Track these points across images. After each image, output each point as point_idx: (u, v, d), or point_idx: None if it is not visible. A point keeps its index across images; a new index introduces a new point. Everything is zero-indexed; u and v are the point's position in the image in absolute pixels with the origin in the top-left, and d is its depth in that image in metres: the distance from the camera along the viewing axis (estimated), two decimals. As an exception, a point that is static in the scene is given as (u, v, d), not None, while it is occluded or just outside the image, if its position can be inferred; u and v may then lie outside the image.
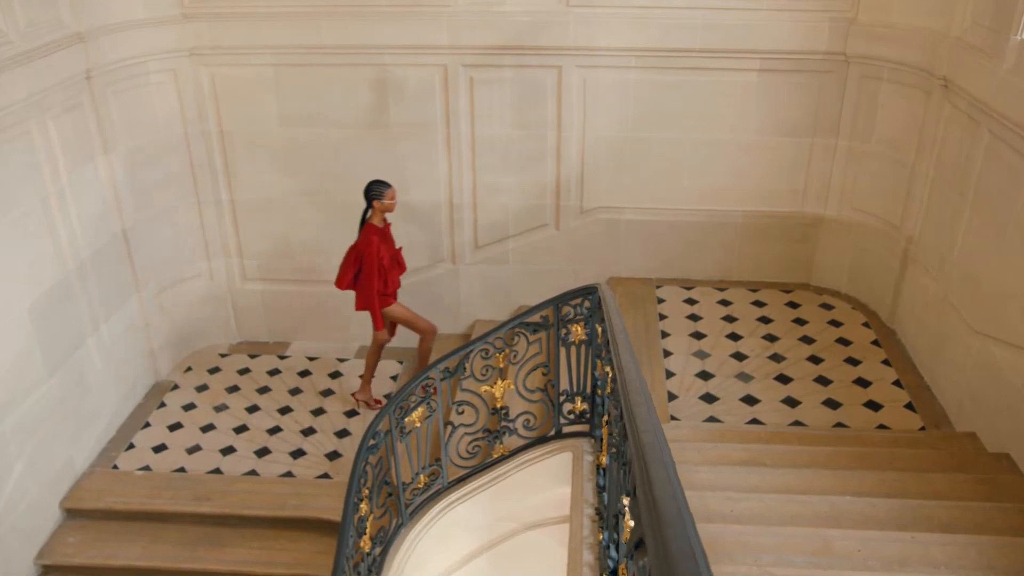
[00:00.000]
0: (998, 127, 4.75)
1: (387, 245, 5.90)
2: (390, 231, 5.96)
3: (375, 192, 5.72)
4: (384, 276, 5.89)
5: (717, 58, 5.99)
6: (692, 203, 6.54)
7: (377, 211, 5.78)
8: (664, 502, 1.28)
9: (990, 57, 4.82)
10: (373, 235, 5.77)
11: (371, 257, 5.78)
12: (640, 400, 1.62)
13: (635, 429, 1.49)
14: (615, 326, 2.61)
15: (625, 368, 1.91)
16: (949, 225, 5.32)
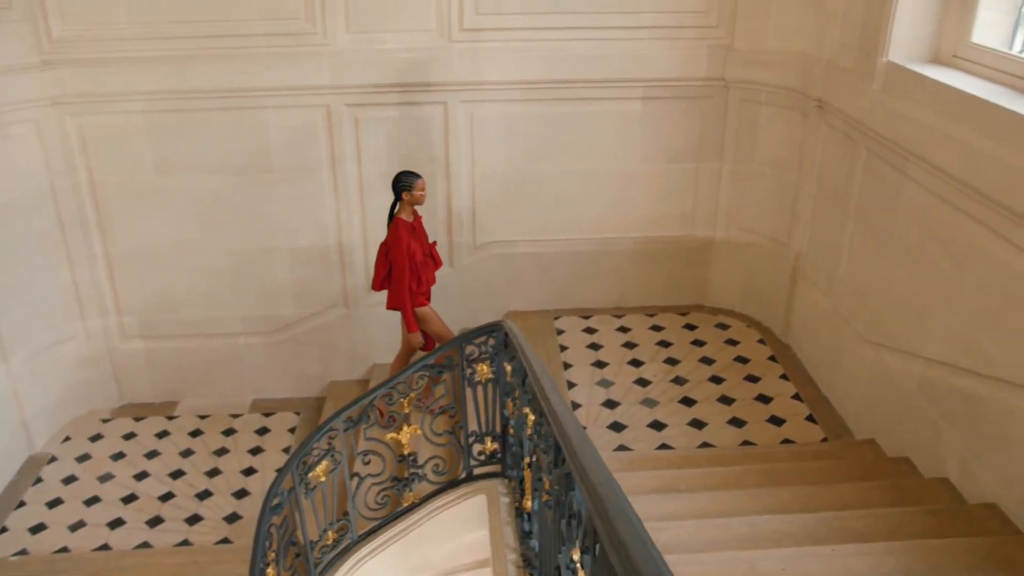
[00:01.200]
0: (874, 144, 4.94)
1: (418, 240, 5.56)
2: (422, 225, 5.64)
3: (404, 183, 5.36)
4: (417, 273, 5.53)
5: (601, 88, 6.05)
6: (585, 232, 6.56)
7: (406, 204, 5.43)
8: (645, 566, 1.19)
9: (861, 78, 5.02)
10: (402, 230, 5.42)
11: (400, 253, 5.42)
12: (587, 449, 1.52)
13: (589, 484, 1.39)
14: (536, 368, 2.51)
15: (560, 414, 1.81)
16: (834, 241, 5.49)
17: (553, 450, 1.89)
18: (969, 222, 4.10)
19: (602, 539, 1.39)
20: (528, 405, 2.61)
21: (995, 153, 3.85)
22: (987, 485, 3.97)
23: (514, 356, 3.40)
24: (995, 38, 4.49)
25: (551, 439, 1.94)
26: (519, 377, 2.99)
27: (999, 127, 3.87)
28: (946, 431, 4.28)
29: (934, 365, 4.40)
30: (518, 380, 2.96)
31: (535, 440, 2.46)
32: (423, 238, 5.63)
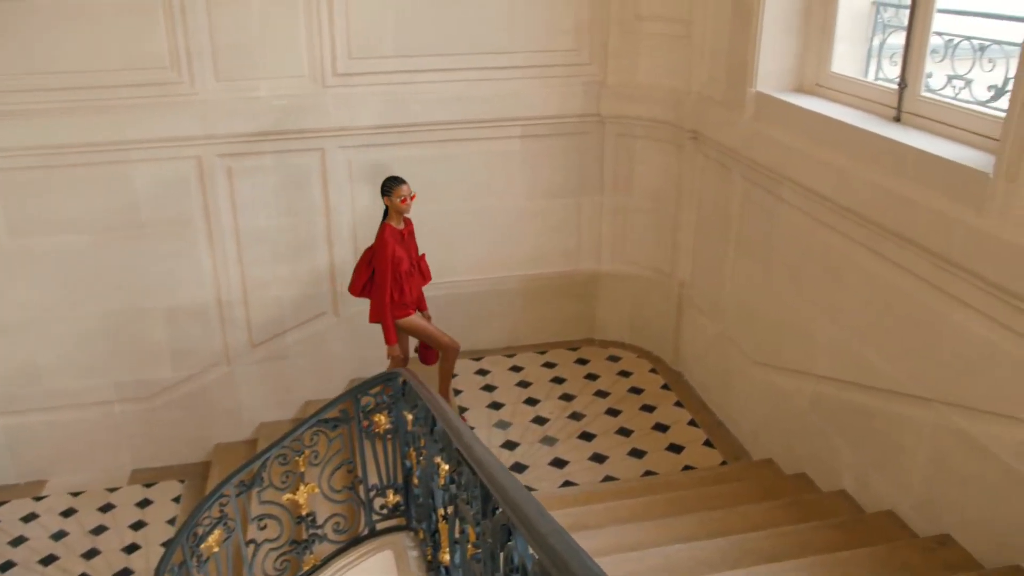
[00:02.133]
0: (748, 171, 5.10)
1: (406, 248, 5.36)
2: (412, 234, 5.45)
3: (384, 188, 5.26)
4: (401, 284, 5.33)
5: (480, 128, 6.05)
6: (472, 273, 6.51)
7: (393, 211, 5.28)
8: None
9: (732, 109, 5.19)
10: (388, 235, 5.23)
11: (384, 260, 5.22)
12: (527, 498, 1.43)
13: (537, 534, 1.31)
14: (449, 415, 2.41)
15: (487, 463, 1.71)
16: (717, 267, 5.62)
17: (480, 500, 1.80)
18: (843, 240, 4.26)
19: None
20: (440, 454, 2.51)
21: (860, 172, 4.03)
22: (883, 493, 4.08)
23: (416, 404, 3.28)
24: (851, 67, 4.74)
25: (477, 488, 1.85)
26: (425, 425, 2.88)
27: (862, 148, 4.06)
28: (840, 445, 4.40)
29: (824, 381, 4.52)
30: (424, 428, 2.85)
31: (452, 490, 2.35)
32: (412, 247, 5.45)
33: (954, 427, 3.59)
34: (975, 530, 3.53)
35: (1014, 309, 3.20)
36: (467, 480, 1.92)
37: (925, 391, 3.74)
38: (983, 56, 3.98)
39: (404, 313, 5.44)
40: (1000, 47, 3.92)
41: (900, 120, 4.17)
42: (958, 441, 3.57)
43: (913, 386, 3.82)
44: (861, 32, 4.72)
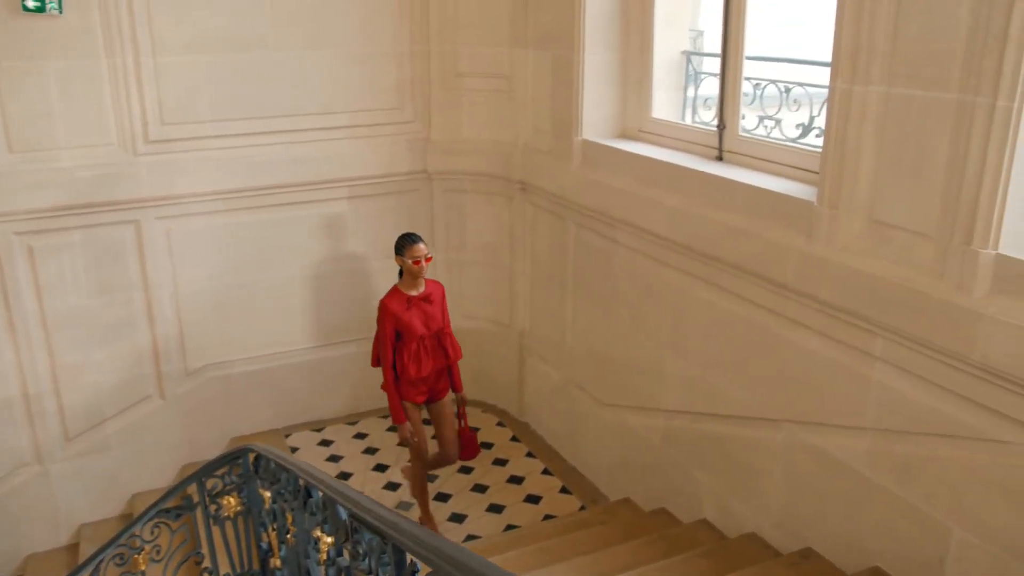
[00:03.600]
0: (581, 217, 5.22)
1: (422, 317, 4.81)
2: (436, 301, 4.90)
3: (397, 247, 4.80)
4: (404, 360, 4.80)
5: (306, 191, 5.87)
6: (308, 341, 6.26)
7: (405, 271, 4.82)
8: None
9: (559, 157, 5.32)
10: (388, 300, 4.79)
11: (378, 327, 4.82)
12: (483, 564, 1.31)
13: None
14: (331, 482, 2.22)
15: (411, 530, 1.56)
16: (557, 313, 5.69)
17: (394, 566, 1.64)
18: (681, 276, 4.42)
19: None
20: (320, 526, 2.32)
21: (692, 209, 4.21)
22: (744, 517, 4.20)
23: (277, 478, 3.05)
24: (670, 113, 4.98)
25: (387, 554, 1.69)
26: (296, 499, 2.67)
27: (691, 186, 4.26)
28: (698, 475, 4.50)
29: (675, 415, 4.64)
30: (295, 502, 2.65)
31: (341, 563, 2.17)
32: (432, 316, 4.86)
33: (806, 444, 3.75)
34: (835, 540, 3.68)
35: (849, 325, 3.41)
36: (369, 548, 1.77)
37: (775, 413, 3.90)
38: (789, 98, 4.30)
39: (411, 396, 4.92)
40: (803, 89, 4.25)
41: (722, 159, 4.41)
42: (811, 457, 3.74)
43: (763, 410, 3.98)
44: (675, 80, 4.98)
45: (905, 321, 3.13)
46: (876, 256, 3.27)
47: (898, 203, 3.18)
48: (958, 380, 3.00)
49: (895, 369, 3.27)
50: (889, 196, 3.21)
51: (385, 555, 1.69)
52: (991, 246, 2.86)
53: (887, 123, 3.19)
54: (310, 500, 2.43)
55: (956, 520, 3.10)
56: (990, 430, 2.93)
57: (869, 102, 3.23)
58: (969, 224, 2.90)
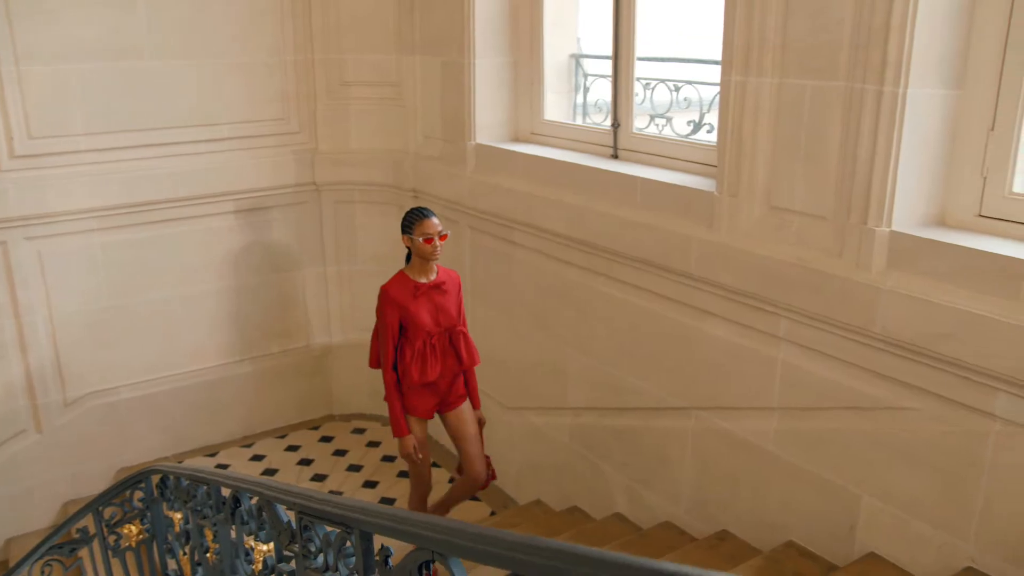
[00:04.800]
0: (477, 221, 5.22)
1: (431, 309, 4.04)
2: (450, 291, 4.14)
3: (405, 224, 4.03)
4: (407, 361, 4.02)
5: (190, 206, 5.64)
6: (196, 363, 5.99)
7: (414, 254, 4.05)
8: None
9: (452, 163, 5.31)
10: (390, 286, 4.03)
11: (379, 320, 4.08)
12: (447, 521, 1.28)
13: (509, 545, 1.16)
14: (270, 484, 2.12)
15: (371, 508, 1.49)
16: (456, 320, 5.65)
17: (362, 554, 1.56)
18: (583, 273, 4.48)
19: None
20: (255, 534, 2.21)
21: (591, 206, 4.28)
22: (657, 507, 4.27)
23: (191, 496, 2.90)
24: (563, 115, 5.06)
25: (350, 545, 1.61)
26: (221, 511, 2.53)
27: (590, 184, 4.33)
28: (608, 470, 4.55)
29: (582, 412, 4.68)
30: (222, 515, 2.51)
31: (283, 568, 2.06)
32: (444, 310, 4.09)
33: (716, 429, 3.85)
34: (749, 520, 3.79)
35: (753, 309, 3.53)
36: (325, 542, 1.68)
37: (684, 401, 4.00)
38: (679, 96, 4.43)
39: (418, 405, 4.14)
40: (693, 87, 4.39)
41: (618, 157, 4.50)
42: (721, 442, 3.84)
43: (671, 399, 4.06)
44: (566, 83, 5.06)
45: (807, 301, 3.27)
46: (776, 240, 3.40)
47: (795, 188, 3.32)
48: (860, 353, 3.14)
49: (799, 348, 3.40)
50: (786, 182, 3.35)
51: (349, 545, 1.62)
52: (885, 224, 3.02)
53: (781, 112, 3.33)
54: (239, 509, 2.32)
55: (864, 488, 3.25)
56: (892, 399, 3.08)
57: (763, 93, 3.37)
58: (864, 204, 3.06)
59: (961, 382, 2.82)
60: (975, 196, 2.99)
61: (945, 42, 2.90)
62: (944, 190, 3.05)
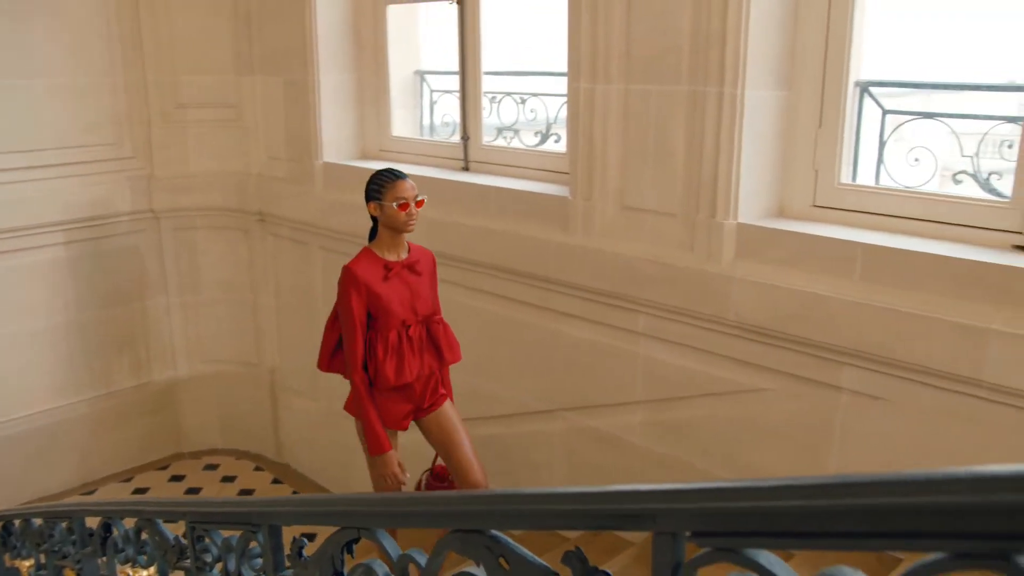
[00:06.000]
0: (328, 241, 5.14)
1: (405, 294, 3.33)
2: (424, 273, 3.43)
3: (371, 189, 3.31)
4: (378, 356, 3.28)
5: (14, 238, 5.24)
6: (27, 407, 5.55)
7: (382, 228, 3.35)
8: None
9: (300, 183, 5.21)
10: (354, 267, 3.27)
11: (343, 312, 3.29)
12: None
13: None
14: (162, 501, 1.97)
15: (288, 500, 1.43)
16: (310, 343, 5.48)
17: (271, 552, 1.49)
18: (442, 286, 4.48)
19: None
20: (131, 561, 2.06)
21: (445, 217, 4.31)
22: (529, 511, 4.32)
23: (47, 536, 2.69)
24: (411, 130, 5.08)
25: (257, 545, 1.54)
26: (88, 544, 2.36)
27: (442, 195, 4.33)
28: (477, 479, 4.56)
29: (447, 424, 4.67)
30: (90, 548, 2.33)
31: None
32: (419, 295, 3.39)
33: (584, 429, 3.95)
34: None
35: (612, 307, 3.66)
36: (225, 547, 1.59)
37: (549, 404, 4.08)
38: (525, 108, 4.55)
39: (391, 413, 3.41)
40: (539, 99, 4.52)
41: (469, 169, 4.56)
42: (590, 440, 3.94)
43: (539, 403, 4.14)
44: (412, 99, 5.09)
45: (664, 295, 3.42)
46: (631, 239, 3.54)
47: (646, 188, 3.48)
48: (717, 341, 3.32)
49: (658, 342, 3.55)
50: (637, 183, 3.50)
51: (254, 546, 1.55)
52: (732, 217, 3.21)
53: (629, 117, 3.48)
54: (111, 537, 2.17)
55: (729, 469, 3.42)
56: (749, 381, 3.27)
57: (610, 99, 3.51)
58: (711, 200, 3.24)
59: (811, 360, 3.04)
60: (809, 188, 3.24)
61: (775, 46, 3.14)
62: (782, 183, 3.28)
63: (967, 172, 3.06)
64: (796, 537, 0.84)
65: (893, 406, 2.85)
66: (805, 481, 0.79)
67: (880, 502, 0.71)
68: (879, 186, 3.17)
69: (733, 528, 0.90)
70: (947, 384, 2.70)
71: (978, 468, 0.66)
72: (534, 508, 1.20)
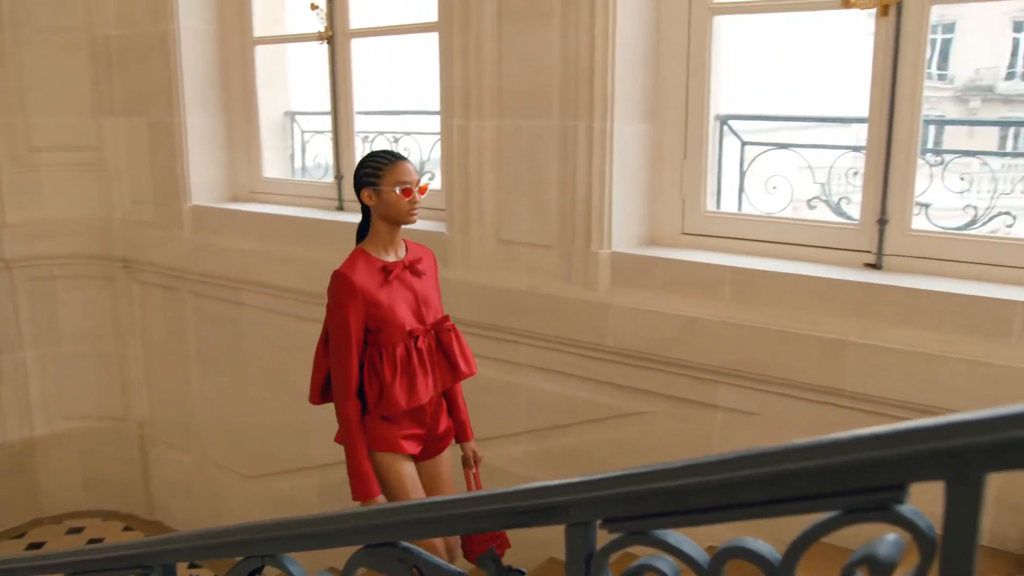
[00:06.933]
0: (199, 286, 4.99)
1: (408, 299, 2.81)
2: (426, 274, 2.92)
3: (364, 174, 2.76)
4: (381, 375, 2.73)
5: None
6: None
7: (377, 222, 2.80)
8: None
9: (168, 227, 5.04)
10: (348, 271, 2.75)
11: (336, 324, 2.76)
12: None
13: None
14: (35, 556, 1.82)
15: (184, 536, 1.34)
16: (182, 394, 5.32)
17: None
18: (318, 327, 4.41)
19: None
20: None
21: (320, 258, 4.23)
22: (417, 551, 4.26)
23: None
24: (282, 171, 5.01)
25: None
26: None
27: (319, 236, 4.32)
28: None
29: (330, 469, 4.55)
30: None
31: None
32: (426, 302, 2.88)
33: (468, 461, 3.94)
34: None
35: (495, 340, 3.69)
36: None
37: (434, 439, 4.05)
38: (400, 146, 4.58)
39: (393, 441, 2.80)
40: (412, 137, 4.56)
41: (343, 209, 4.53)
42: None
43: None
44: (282, 140, 5.03)
45: (543, 325, 3.48)
46: (509, 271, 3.60)
47: (522, 221, 3.54)
48: (596, 368, 3.40)
49: (539, 371, 3.60)
50: (513, 216, 3.57)
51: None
52: (606, 246, 3.31)
53: (503, 152, 3.56)
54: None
55: (612, 493, 3.48)
56: (629, 406, 3.35)
57: (484, 135, 3.58)
58: (585, 230, 3.34)
59: (688, 381, 3.15)
60: (678, 216, 3.38)
61: (640, 82, 3.28)
62: (652, 213, 3.41)
63: (820, 198, 3.27)
64: (702, 512, 0.88)
65: (766, 420, 2.98)
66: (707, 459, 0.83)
67: (777, 469, 0.75)
68: (742, 213, 3.35)
69: (642, 511, 0.93)
70: (814, 396, 2.85)
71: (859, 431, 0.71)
72: (447, 514, 1.20)
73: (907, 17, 2.80)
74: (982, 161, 3.52)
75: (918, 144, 2.87)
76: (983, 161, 3.54)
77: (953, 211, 3.07)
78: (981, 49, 7.23)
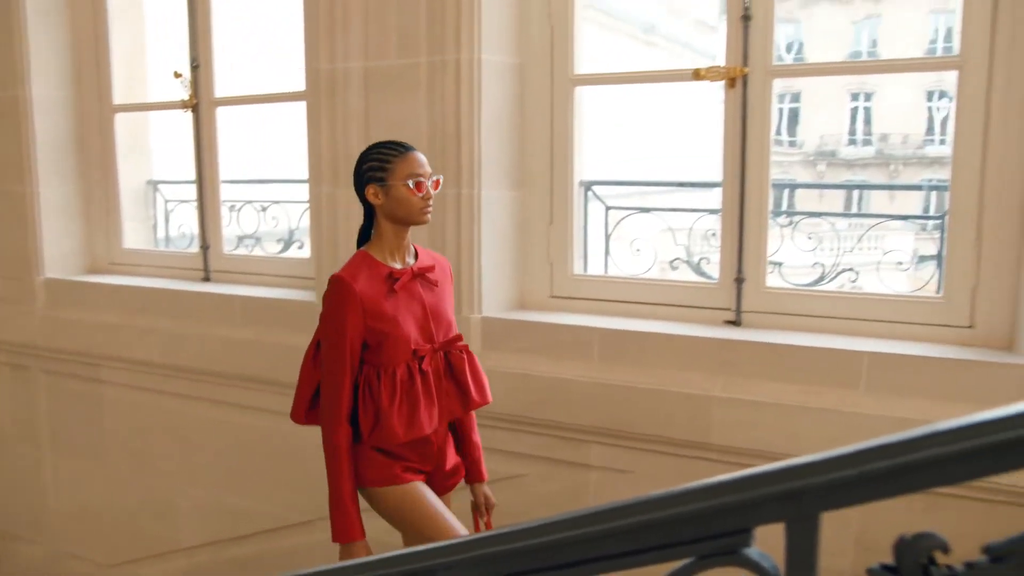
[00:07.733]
0: (54, 364, 4.72)
1: (405, 310, 2.39)
2: (440, 284, 2.52)
3: (366, 169, 2.45)
4: (379, 399, 2.34)
5: None
6: None
7: (383, 224, 2.44)
8: None
9: (17, 302, 4.76)
10: (353, 276, 2.35)
11: (326, 332, 2.40)
12: None
13: None
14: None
15: None
16: (32, 481, 4.98)
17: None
18: (184, 401, 4.26)
19: None
20: None
21: (188, 330, 4.13)
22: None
23: None
24: (144, 242, 4.84)
25: None
26: None
27: (184, 308, 4.19)
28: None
29: (197, 551, 4.36)
30: None
31: None
32: (437, 313, 2.50)
33: (343, 536, 3.82)
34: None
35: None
36: None
37: (309, 515, 3.91)
38: (267, 215, 4.51)
39: (396, 469, 2.45)
40: (281, 206, 4.51)
41: (210, 279, 4.41)
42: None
43: (293, 515, 3.97)
44: (144, 210, 4.87)
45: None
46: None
47: (394, 288, 3.53)
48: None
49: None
50: (385, 283, 3.55)
51: None
52: (477, 311, 3.34)
53: (372, 219, 3.55)
54: None
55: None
56: (503, 469, 3.30)
57: (353, 202, 3.53)
58: (456, 295, 3.34)
59: (561, 442, 3.17)
60: (546, 280, 3.44)
61: (506, 149, 3.37)
62: (522, 277, 3.47)
63: (681, 259, 3.40)
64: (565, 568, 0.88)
65: (638, 477, 3.03)
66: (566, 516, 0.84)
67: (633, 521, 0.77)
68: (608, 275, 3.44)
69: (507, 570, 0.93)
70: (683, 451, 2.92)
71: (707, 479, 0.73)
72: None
73: (752, 89, 2.99)
74: (829, 222, 3.76)
75: (768, 206, 3.04)
76: (830, 222, 3.78)
77: (803, 268, 3.25)
78: (825, 117, 7.79)
